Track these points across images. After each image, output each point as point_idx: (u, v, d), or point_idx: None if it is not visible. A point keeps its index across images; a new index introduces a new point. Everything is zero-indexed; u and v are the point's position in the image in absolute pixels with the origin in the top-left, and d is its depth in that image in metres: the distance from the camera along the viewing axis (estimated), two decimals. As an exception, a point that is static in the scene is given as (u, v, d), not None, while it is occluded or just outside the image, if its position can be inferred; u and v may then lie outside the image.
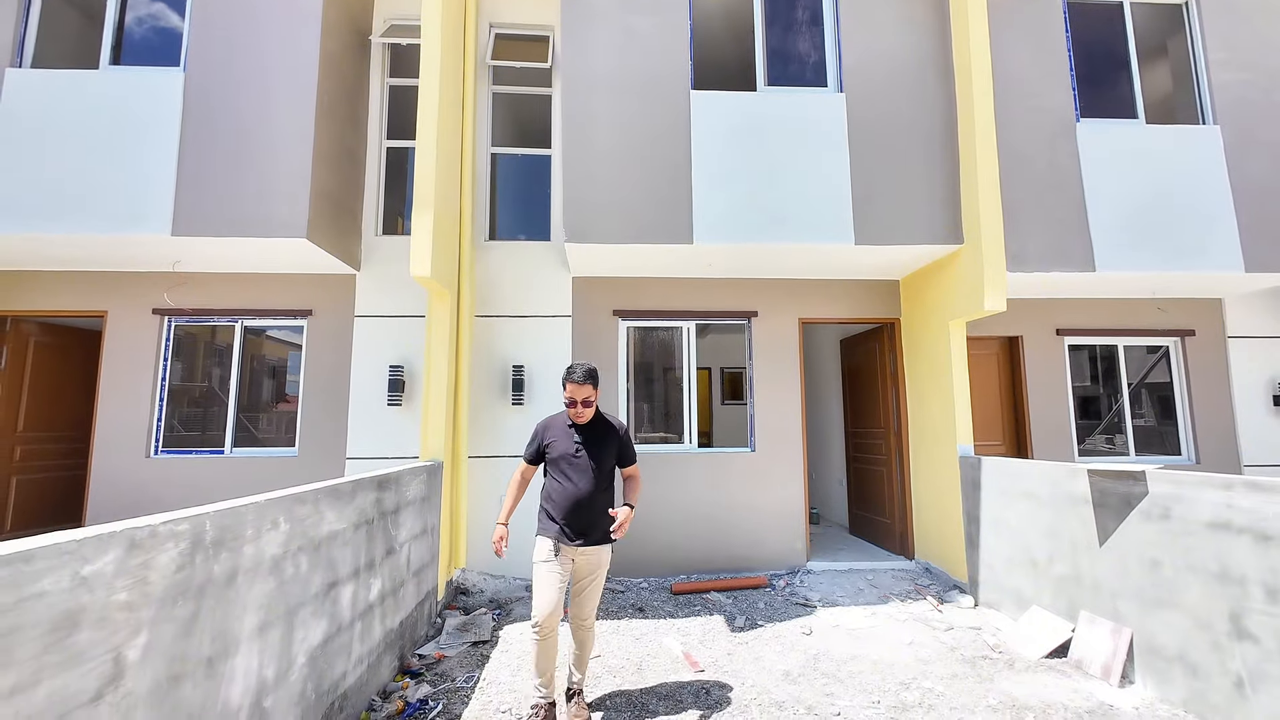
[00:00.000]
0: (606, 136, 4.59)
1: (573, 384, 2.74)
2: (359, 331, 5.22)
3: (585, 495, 2.72)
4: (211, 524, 1.81)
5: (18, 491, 5.27)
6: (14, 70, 4.31)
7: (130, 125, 4.32)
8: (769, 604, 4.48)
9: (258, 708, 2.05)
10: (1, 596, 1.18)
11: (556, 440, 2.79)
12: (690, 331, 5.57)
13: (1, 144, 4.20)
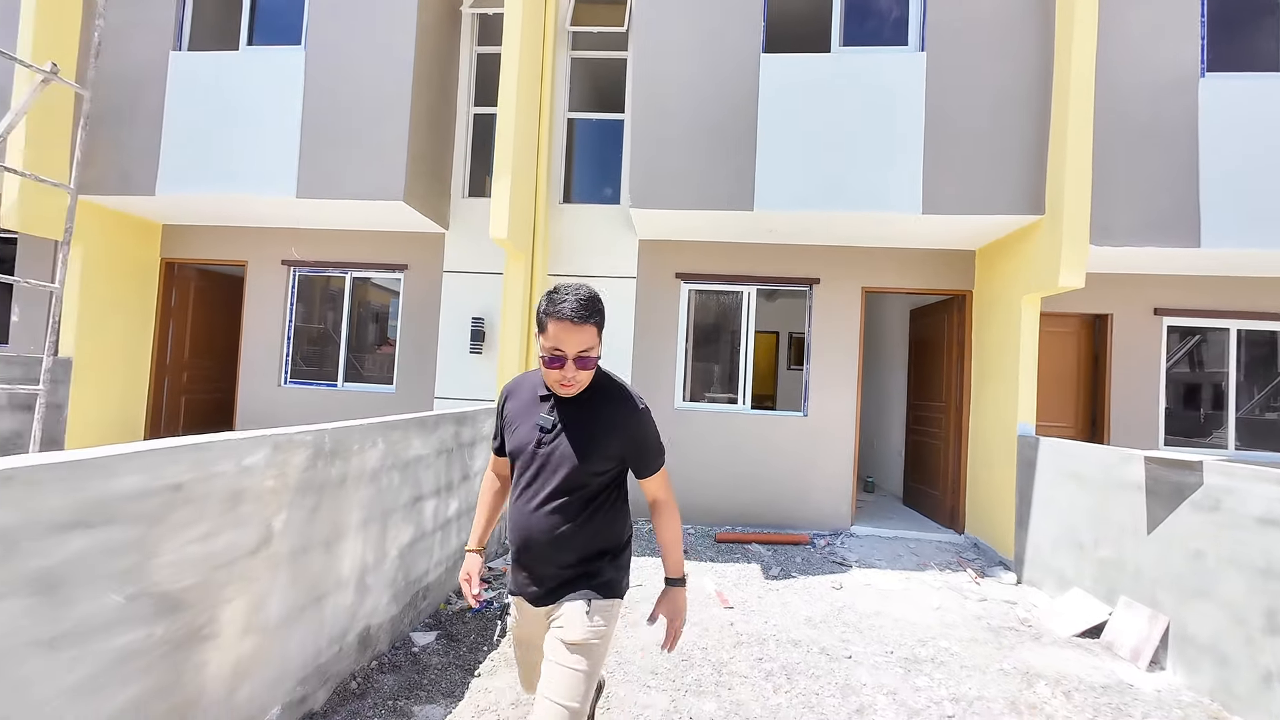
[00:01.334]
0: (674, 101, 4.71)
1: (558, 322, 1.42)
2: (447, 285, 5.82)
3: (545, 524, 1.52)
4: (330, 438, 2.33)
5: (185, 407, 6.49)
6: (176, 54, 5.09)
7: (264, 99, 5.00)
8: (806, 559, 4.73)
9: (361, 583, 2.63)
10: (195, 472, 1.71)
11: (516, 420, 1.60)
12: (751, 296, 5.69)
13: (169, 117, 5.03)
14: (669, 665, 2.92)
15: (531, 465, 1.56)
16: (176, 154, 5.02)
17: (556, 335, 1.43)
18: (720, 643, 3.20)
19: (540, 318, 1.46)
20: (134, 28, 5.10)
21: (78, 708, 1.38)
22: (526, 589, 1.59)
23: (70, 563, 1.34)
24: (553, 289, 1.48)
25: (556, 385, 1.51)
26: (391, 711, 2.41)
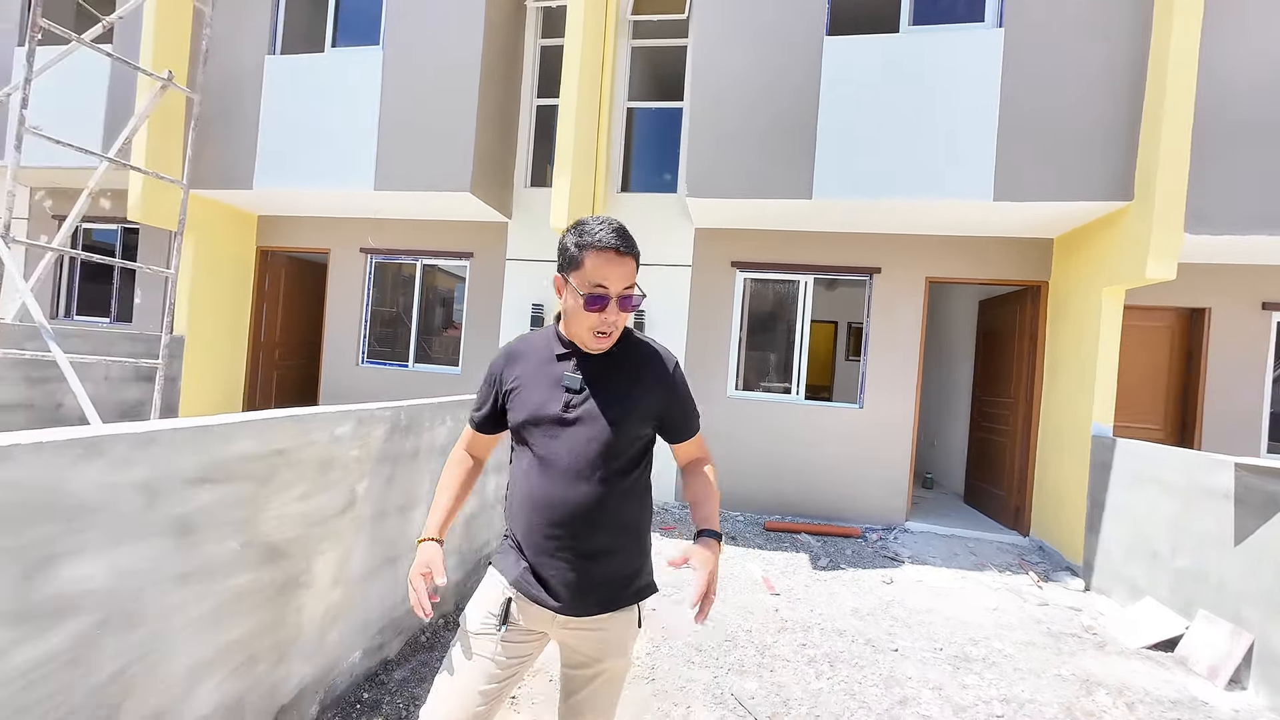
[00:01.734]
0: (732, 88, 4.68)
1: (599, 254, 1.21)
2: (509, 272, 6.08)
3: (583, 501, 1.25)
4: (405, 414, 2.56)
5: (277, 381, 7.13)
6: (271, 57, 5.53)
7: (346, 97, 5.36)
8: (856, 553, 4.69)
9: (431, 547, 2.88)
10: (296, 439, 1.94)
11: (528, 385, 1.33)
12: (808, 285, 5.61)
13: (264, 117, 5.49)
14: (712, 644, 3.03)
15: (557, 434, 1.26)
16: (271, 150, 5.48)
17: (597, 269, 1.20)
18: (764, 626, 3.27)
19: (571, 251, 1.22)
20: (236, 35, 5.57)
21: (203, 637, 1.64)
22: (527, 583, 1.26)
23: (198, 512, 1.59)
24: (577, 221, 1.26)
25: (592, 334, 1.25)
26: (456, 665, 2.65)
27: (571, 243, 1.24)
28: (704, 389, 5.64)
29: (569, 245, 1.24)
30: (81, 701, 1.30)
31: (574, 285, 1.23)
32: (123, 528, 1.38)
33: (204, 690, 1.65)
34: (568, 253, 1.25)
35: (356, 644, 2.35)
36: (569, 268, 1.24)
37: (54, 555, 1.23)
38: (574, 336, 1.30)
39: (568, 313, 1.28)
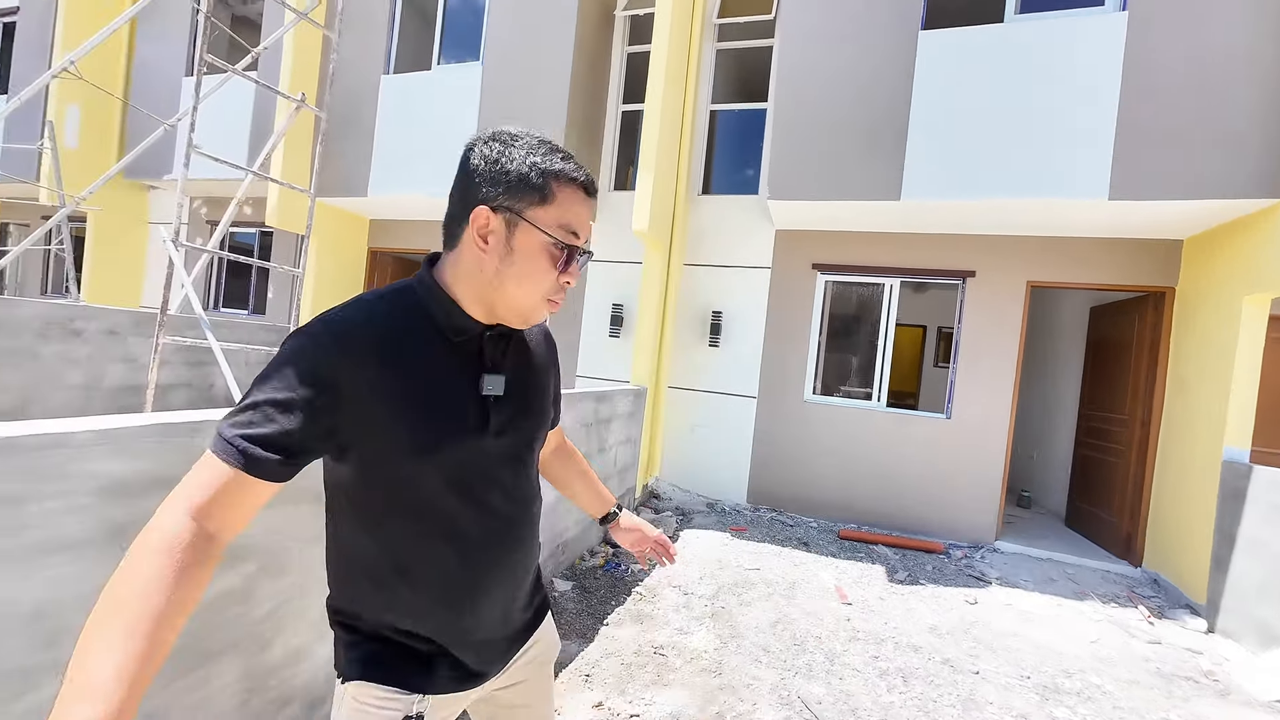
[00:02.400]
0: (819, 88, 4.61)
1: (576, 191, 0.84)
2: (592, 272, 6.31)
3: (522, 543, 0.94)
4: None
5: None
6: (385, 77, 6.09)
7: (448, 111, 5.81)
8: (938, 569, 4.49)
9: (516, 529, 3.11)
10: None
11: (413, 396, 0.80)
12: (893, 288, 5.41)
13: (379, 131, 6.06)
14: (780, 646, 3.05)
15: (475, 471, 0.86)
16: (383, 161, 6.05)
17: (573, 209, 0.84)
18: (834, 634, 3.24)
19: (532, 178, 0.81)
20: (357, 58, 6.19)
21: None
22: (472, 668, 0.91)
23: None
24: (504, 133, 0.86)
25: (543, 302, 0.86)
26: (536, 640, 2.86)
27: (530, 164, 0.81)
28: (780, 394, 5.59)
29: (524, 170, 0.81)
30: (245, 633, 1.58)
31: (534, 225, 0.81)
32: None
33: (330, 636, 1.92)
34: (524, 179, 0.81)
35: (451, 611, 2.61)
36: (524, 200, 0.81)
37: (231, 511, 1.50)
38: (504, 303, 0.85)
39: (505, 268, 0.82)
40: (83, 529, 1.17)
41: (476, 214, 0.82)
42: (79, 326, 4.51)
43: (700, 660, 2.84)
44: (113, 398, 4.75)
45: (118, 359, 4.79)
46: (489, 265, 0.83)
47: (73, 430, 1.15)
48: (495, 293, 0.84)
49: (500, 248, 0.82)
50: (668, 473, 5.95)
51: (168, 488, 1.31)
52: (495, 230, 0.82)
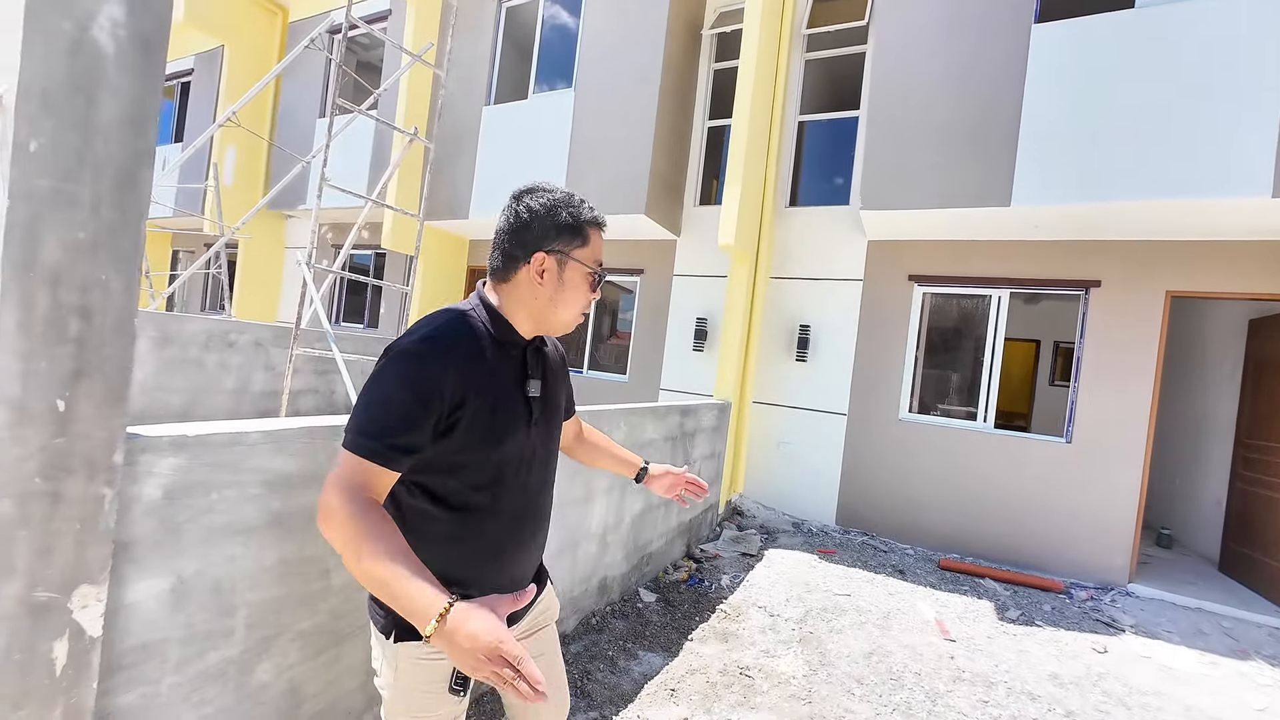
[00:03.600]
0: (917, 91, 4.41)
1: (600, 231, 1.15)
2: (675, 287, 6.38)
3: (545, 519, 1.24)
4: (586, 418, 2.89)
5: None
6: (487, 108, 6.56)
7: (542, 136, 6.15)
8: (1057, 610, 4.06)
9: (603, 539, 3.19)
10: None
11: (488, 393, 1.05)
12: (1001, 300, 5.01)
13: (480, 158, 6.52)
14: (875, 678, 2.89)
15: (522, 455, 1.10)
16: (484, 185, 6.49)
17: (598, 246, 1.13)
18: (936, 672, 3.02)
19: (571, 224, 1.08)
20: (462, 92, 6.72)
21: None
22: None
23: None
24: (537, 188, 1.12)
25: (578, 317, 1.15)
26: (621, 650, 2.90)
27: (568, 215, 1.08)
28: (873, 410, 5.33)
29: (565, 218, 1.08)
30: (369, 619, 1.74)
31: (579, 261, 1.10)
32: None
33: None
34: (567, 225, 1.08)
35: (543, 614, 2.71)
36: (570, 244, 1.08)
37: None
38: (552, 322, 1.13)
39: (557, 296, 1.09)
40: (254, 516, 1.35)
41: (536, 258, 1.07)
42: (233, 339, 5.19)
43: (788, 686, 2.75)
44: (257, 401, 5.41)
45: (261, 367, 5.46)
46: (544, 294, 1.10)
47: (246, 430, 1.34)
48: (548, 313, 1.11)
49: (554, 281, 1.09)
50: (751, 490, 5.83)
51: (317, 482, 1.49)
52: (550, 269, 1.08)
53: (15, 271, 0.93)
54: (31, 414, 0.96)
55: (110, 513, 1.07)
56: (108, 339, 1.04)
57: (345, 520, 0.88)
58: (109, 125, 1.02)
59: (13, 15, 0.92)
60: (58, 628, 1.02)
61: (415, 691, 1.06)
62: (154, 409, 4.71)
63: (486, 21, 6.68)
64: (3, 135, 0.92)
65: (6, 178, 0.91)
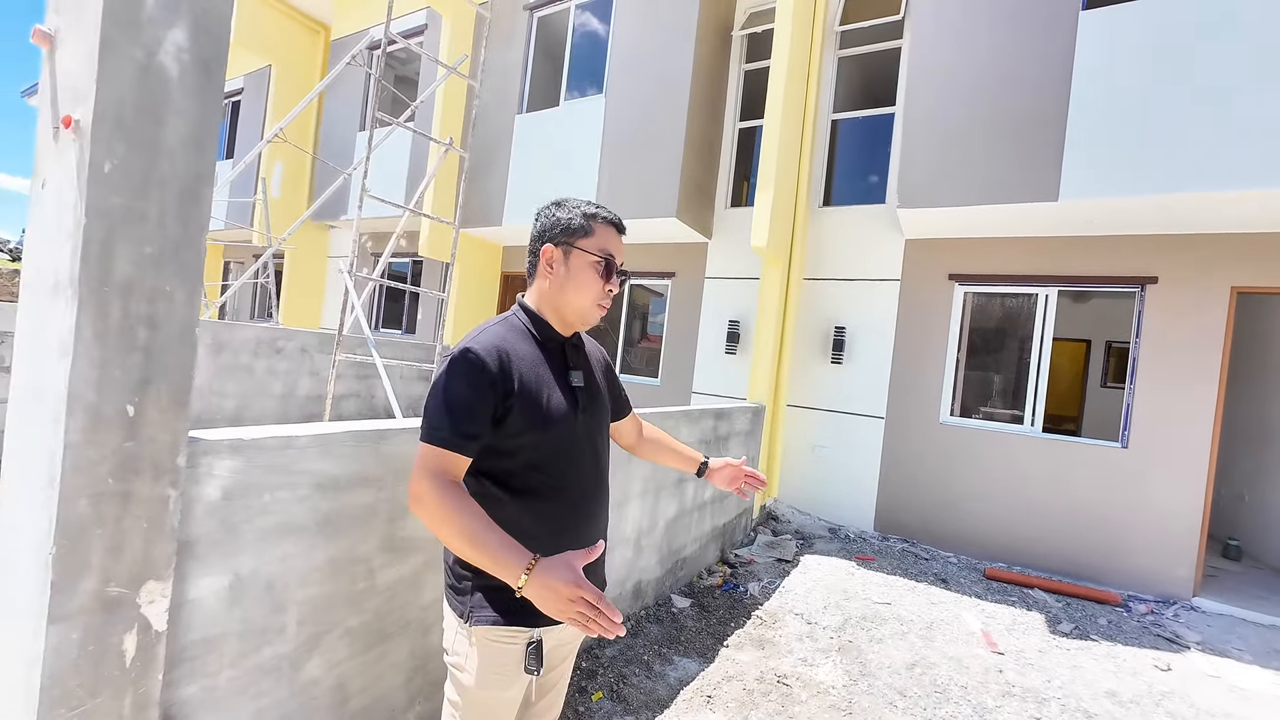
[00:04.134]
0: (955, 86, 4.29)
1: (607, 227, 1.26)
2: (707, 290, 6.35)
3: (603, 501, 1.32)
4: (622, 421, 2.90)
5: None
6: (519, 116, 6.68)
7: (575, 142, 6.21)
8: (1114, 624, 3.86)
9: (638, 542, 3.19)
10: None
11: (536, 385, 1.19)
12: (1049, 299, 4.82)
13: (513, 166, 6.63)
14: (919, 691, 2.80)
15: (574, 438, 1.22)
16: (517, 192, 6.60)
17: (607, 239, 1.24)
18: (984, 685, 2.91)
19: (578, 221, 1.23)
20: (496, 102, 6.85)
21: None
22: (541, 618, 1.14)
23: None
24: (557, 201, 1.28)
25: (595, 305, 1.25)
26: (657, 655, 2.89)
27: (578, 213, 1.24)
28: (912, 413, 5.19)
29: (573, 217, 1.23)
30: (415, 617, 1.79)
31: (583, 250, 1.22)
32: (441, 494, 1.85)
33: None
34: (572, 223, 1.23)
35: (578, 617, 2.73)
36: (574, 235, 1.22)
37: (406, 508, 1.72)
38: (570, 310, 1.25)
39: (566, 283, 1.23)
40: (304, 516, 1.41)
41: (544, 250, 1.25)
42: (280, 345, 5.41)
43: (828, 696, 2.69)
44: (302, 406, 5.62)
45: (306, 372, 5.67)
46: (555, 282, 1.25)
47: (296, 435, 1.39)
48: (562, 301, 1.25)
49: (561, 269, 1.24)
50: (786, 495, 5.75)
51: (362, 484, 1.54)
52: (556, 258, 1.24)
53: (92, 284, 0.99)
54: (106, 418, 1.01)
55: (174, 512, 1.13)
56: (172, 347, 1.10)
57: (434, 501, 1.05)
58: (174, 145, 1.08)
59: (89, 46, 0.98)
60: (127, 621, 1.08)
61: (489, 671, 1.15)
62: (209, 413, 4.95)
63: (519, 31, 6.81)
64: (80, 157, 0.98)
65: (84, 196, 0.97)
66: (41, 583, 0.98)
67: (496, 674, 1.15)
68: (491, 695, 1.16)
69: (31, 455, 1.02)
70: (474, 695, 1.16)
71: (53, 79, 1.04)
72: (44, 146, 1.05)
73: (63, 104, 1.01)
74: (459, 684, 1.17)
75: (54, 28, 1.05)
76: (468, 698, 1.17)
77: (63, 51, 1.03)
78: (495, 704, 1.17)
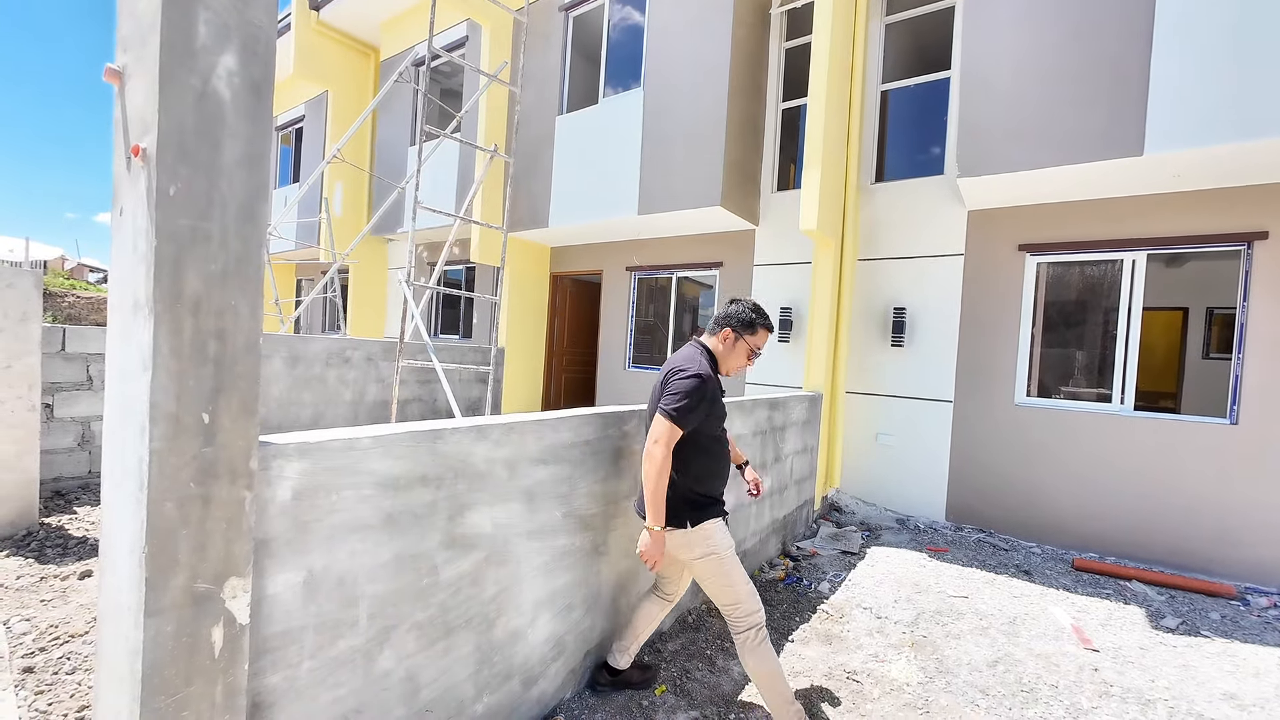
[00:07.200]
0: (1017, 37, 3.98)
1: (768, 334, 2.26)
2: (757, 278, 6.21)
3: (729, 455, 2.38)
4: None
5: (565, 384, 8.59)
6: (560, 117, 6.75)
7: (614, 137, 6.21)
8: (1230, 619, 3.49)
9: (695, 536, 3.15)
10: (597, 433, 2.36)
11: (717, 397, 2.17)
12: (1137, 264, 4.40)
13: (556, 166, 6.72)
14: (1003, 690, 2.63)
15: (723, 426, 2.26)
16: (562, 193, 6.68)
17: (763, 339, 2.26)
18: (1077, 685, 2.70)
19: (755, 323, 2.22)
20: (536, 105, 6.95)
21: (541, 580, 2.13)
22: (723, 511, 2.21)
23: (538, 485, 2.07)
24: (754, 304, 2.25)
25: (737, 370, 2.28)
26: (720, 649, 2.85)
27: (755, 319, 2.22)
28: (983, 396, 4.89)
29: (754, 318, 2.21)
30: (477, 611, 1.83)
31: (747, 342, 2.22)
32: (498, 491, 1.89)
33: (541, 622, 2.14)
34: (751, 323, 2.21)
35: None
36: (746, 331, 2.21)
37: (464, 505, 1.76)
38: (726, 364, 2.24)
39: (731, 354, 2.23)
40: (369, 514, 1.46)
41: (725, 332, 2.22)
42: (349, 355, 5.71)
43: (902, 694, 2.57)
44: (371, 411, 5.92)
45: (373, 380, 5.97)
46: (723, 350, 2.24)
47: (358, 437, 1.45)
48: (721, 360, 2.24)
49: (731, 346, 2.23)
50: (849, 485, 5.55)
51: (421, 483, 1.58)
52: (729, 339, 2.22)
53: (167, 302, 1.05)
54: (185, 426, 1.09)
55: (250, 513, 1.20)
56: (240, 357, 1.16)
57: (662, 463, 1.97)
58: (231, 166, 1.13)
59: (149, 78, 1.04)
60: (214, 615, 1.15)
61: (719, 534, 2.13)
62: (288, 423, 5.30)
63: (555, 32, 6.87)
64: (149, 184, 1.05)
65: (154, 220, 1.04)
66: (138, 579, 1.06)
67: (724, 534, 2.16)
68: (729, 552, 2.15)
69: (124, 463, 1.10)
70: (724, 544, 2.14)
71: (124, 113, 1.12)
72: (120, 176, 1.14)
73: (133, 135, 1.09)
74: (708, 562, 2.11)
75: (122, 65, 1.13)
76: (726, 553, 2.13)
77: (131, 85, 1.11)
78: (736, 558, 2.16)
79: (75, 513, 4.01)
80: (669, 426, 1.98)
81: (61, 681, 2.19)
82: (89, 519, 3.91)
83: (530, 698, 2.11)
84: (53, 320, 14.30)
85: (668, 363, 2.20)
